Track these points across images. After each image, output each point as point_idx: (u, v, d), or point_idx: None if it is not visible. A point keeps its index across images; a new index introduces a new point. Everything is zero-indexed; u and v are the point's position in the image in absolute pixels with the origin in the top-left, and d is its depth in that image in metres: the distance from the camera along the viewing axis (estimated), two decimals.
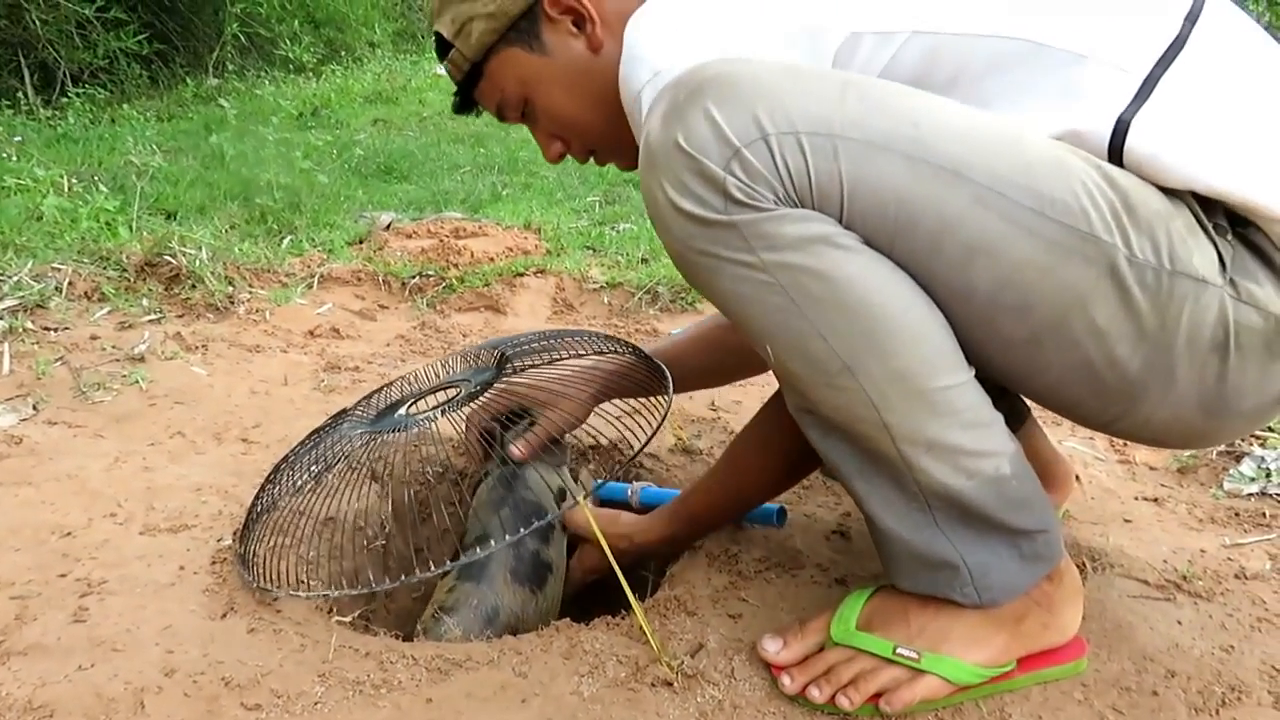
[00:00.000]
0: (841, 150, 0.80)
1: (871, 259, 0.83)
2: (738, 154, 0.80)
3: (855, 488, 0.94)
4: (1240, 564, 1.24)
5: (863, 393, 0.85)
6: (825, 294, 0.82)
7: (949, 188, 0.80)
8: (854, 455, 0.92)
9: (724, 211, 0.81)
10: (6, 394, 1.71)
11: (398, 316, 2.45)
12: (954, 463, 0.87)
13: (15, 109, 5.18)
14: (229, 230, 2.96)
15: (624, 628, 1.09)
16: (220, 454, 1.57)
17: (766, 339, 0.87)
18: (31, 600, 1.12)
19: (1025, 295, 0.82)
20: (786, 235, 0.81)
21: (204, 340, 2.06)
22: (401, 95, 6.82)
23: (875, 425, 0.86)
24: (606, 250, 2.87)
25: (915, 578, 0.95)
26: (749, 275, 0.83)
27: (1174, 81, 0.84)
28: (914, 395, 0.85)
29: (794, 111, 0.80)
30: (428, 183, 4.02)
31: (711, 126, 0.80)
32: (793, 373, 0.88)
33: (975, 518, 0.90)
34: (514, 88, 1.12)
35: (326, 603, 1.18)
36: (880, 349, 0.84)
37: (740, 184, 0.80)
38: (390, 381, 1.51)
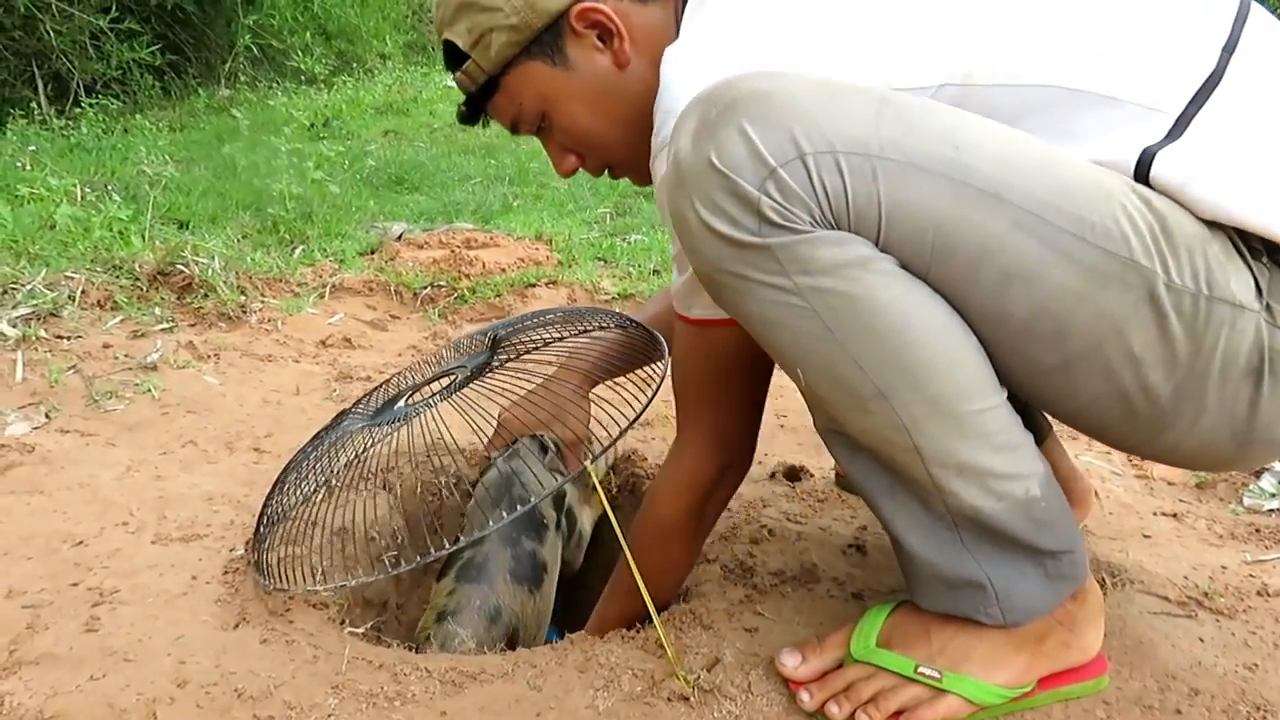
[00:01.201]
0: (880, 172, 0.78)
1: (907, 283, 0.81)
2: (774, 174, 0.78)
3: (881, 506, 0.92)
4: (1262, 580, 1.23)
5: (895, 416, 0.83)
6: (859, 319, 0.81)
7: (989, 212, 0.78)
8: (881, 475, 0.90)
9: (758, 233, 0.79)
10: (19, 402, 1.71)
11: (409, 327, 2.44)
12: (984, 485, 0.85)
13: (29, 119, 5.22)
14: (241, 240, 2.96)
15: (639, 641, 1.08)
16: (232, 463, 1.57)
17: (796, 363, 0.85)
18: (43, 609, 1.11)
19: (1060, 322, 0.81)
20: (821, 259, 0.79)
21: (216, 349, 2.06)
22: (412, 106, 6.84)
23: (906, 449, 0.85)
24: (618, 261, 2.87)
25: (939, 597, 0.93)
26: (781, 299, 0.81)
27: (1208, 118, 0.82)
28: (946, 419, 0.83)
29: (831, 131, 0.78)
30: (439, 193, 4.03)
31: (746, 144, 0.78)
32: (822, 396, 0.87)
33: (1002, 538, 0.88)
34: (532, 102, 1.09)
35: (339, 614, 1.18)
36: (914, 375, 0.82)
37: (775, 205, 0.78)
38: (388, 378, 1.50)
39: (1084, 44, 0.87)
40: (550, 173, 4.45)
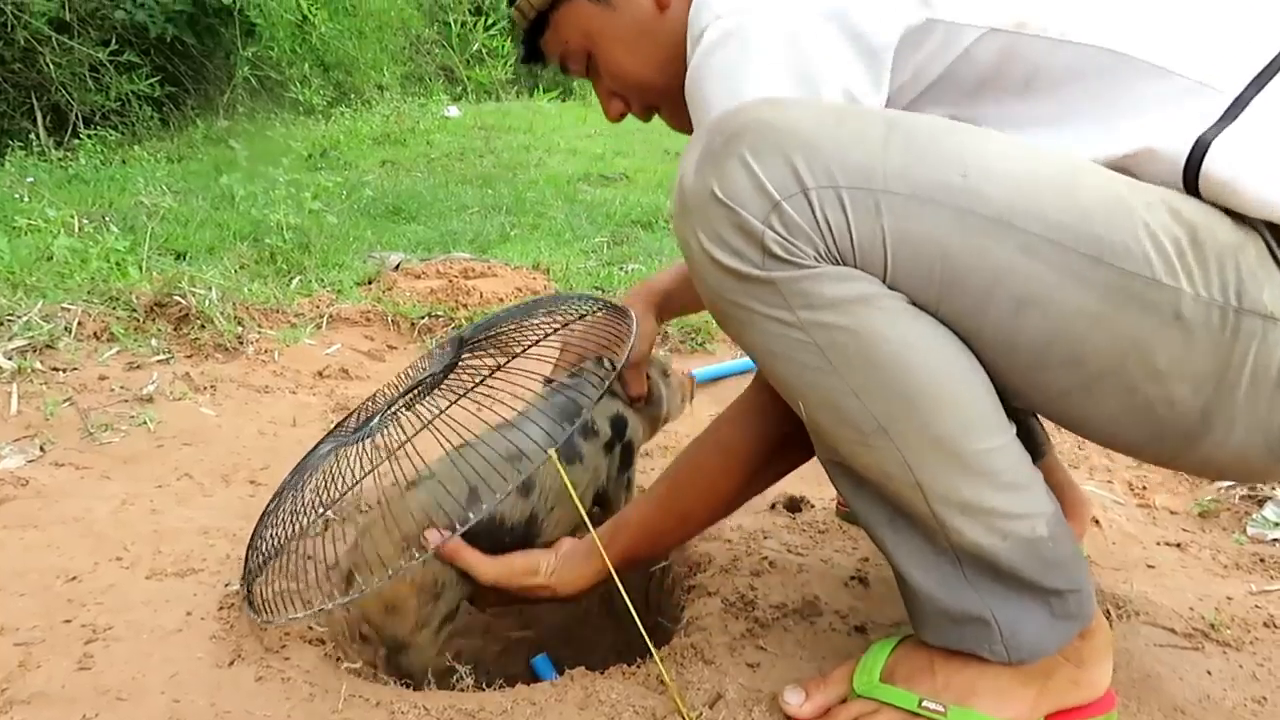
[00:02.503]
0: (884, 206, 0.77)
1: (913, 320, 0.81)
2: (777, 207, 0.78)
3: (884, 540, 0.91)
4: (1268, 612, 1.22)
5: (897, 453, 0.82)
6: (862, 355, 0.80)
7: (997, 240, 0.77)
8: (884, 509, 0.89)
9: (762, 267, 0.79)
10: (14, 435, 1.70)
11: (407, 357, 2.43)
12: (988, 524, 0.84)
13: (28, 150, 5.23)
14: (238, 270, 2.96)
15: (640, 676, 1.06)
16: (228, 496, 1.56)
17: (798, 395, 0.85)
18: (36, 646, 1.10)
19: (1077, 346, 0.80)
20: (825, 295, 0.79)
21: (213, 381, 2.05)
22: (409, 137, 6.88)
23: (908, 484, 0.84)
24: (615, 290, 2.87)
25: (944, 632, 0.92)
26: (783, 332, 0.81)
27: (1267, 103, 0.80)
28: (950, 458, 0.82)
29: (835, 163, 0.78)
30: (436, 223, 4.04)
31: (749, 177, 0.78)
32: (823, 428, 0.86)
33: (1007, 576, 0.87)
34: (578, 40, 1.10)
35: (335, 650, 1.16)
36: (917, 412, 0.81)
37: (779, 239, 0.78)
38: (367, 398, 1.48)
39: (1142, 10, 0.85)
40: (547, 202, 4.46)
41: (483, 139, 6.84)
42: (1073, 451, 1.81)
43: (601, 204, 4.38)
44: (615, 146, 6.68)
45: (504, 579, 1.12)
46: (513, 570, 1.13)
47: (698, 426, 1.62)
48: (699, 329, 2.44)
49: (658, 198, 4.54)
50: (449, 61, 9.11)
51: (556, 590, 1.13)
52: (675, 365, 1.50)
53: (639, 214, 4.11)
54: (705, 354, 2.39)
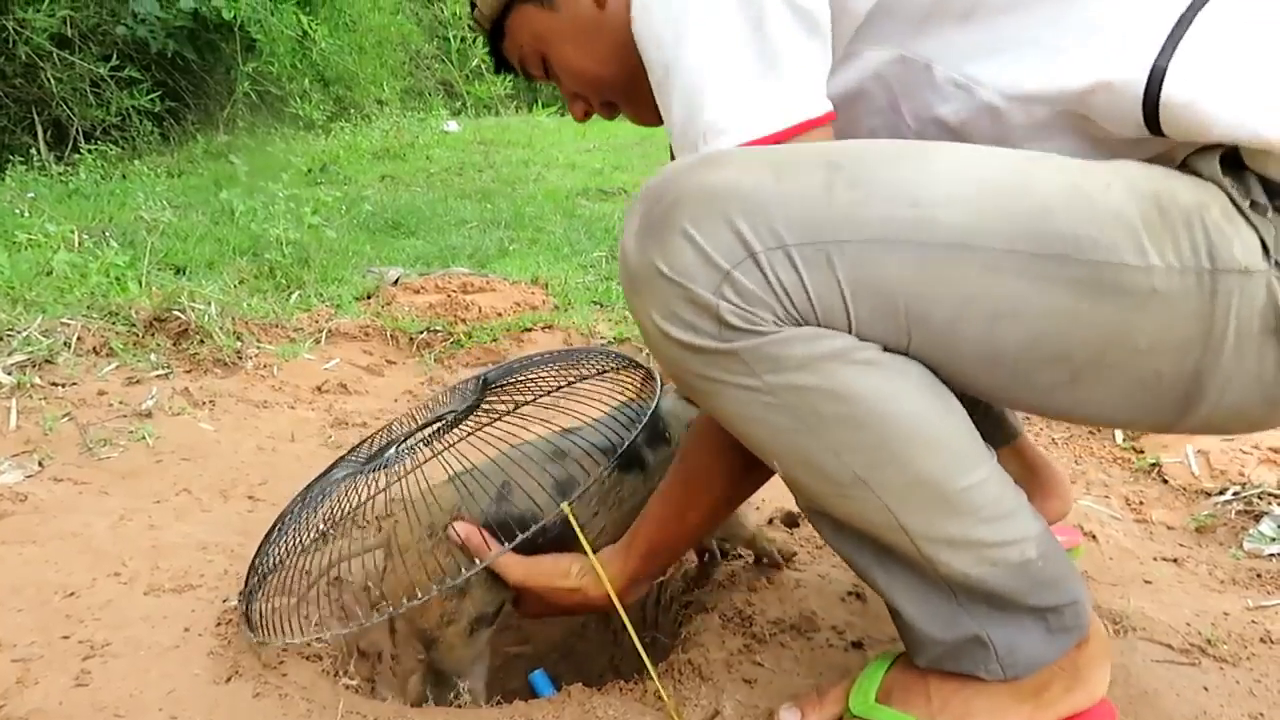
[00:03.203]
0: (837, 257, 0.76)
1: (885, 371, 0.80)
2: (728, 277, 0.76)
3: (873, 577, 0.91)
4: (1265, 627, 1.22)
5: (878, 500, 0.82)
6: (835, 412, 0.79)
7: (958, 265, 0.76)
8: (869, 549, 0.89)
9: (720, 338, 0.78)
10: (12, 450, 1.70)
11: (405, 372, 2.44)
12: (977, 555, 0.84)
13: (28, 165, 5.24)
14: (238, 285, 2.97)
15: (637, 694, 1.07)
16: (226, 511, 1.56)
17: (773, 455, 0.84)
18: (33, 663, 1.10)
19: (1058, 344, 0.79)
20: (793, 356, 0.78)
21: (211, 396, 2.05)
22: (409, 152, 6.90)
23: (891, 528, 0.84)
24: (614, 305, 2.87)
25: (940, 658, 0.92)
26: (752, 398, 0.80)
27: (1212, 16, 0.77)
28: (933, 500, 0.82)
29: (779, 221, 0.76)
30: (435, 238, 4.05)
31: (693, 249, 0.77)
32: (801, 484, 0.86)
33: (1001, 600, 0.87)
34: (531, 44, 1.11)
35: (333, 666, 1.16)
36: (896, 461, 0.81)
37: (735, 309, 0.77)
38: (383, 426, 1.49)
39: None
40: (546, 216, 4.47)
41: (482, 154, 6.86)
42: (1070, 466, 1.81)
43: (600, 218, 4.40)
44: (614, 161, 6.70)
45: (531, 579, 1.10)
46: (541, 571, 1.10)
47: None
48: None
49: None
50: (448, 76, 9.16)
51: (587, 593, 1.09)
52: None
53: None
54: None
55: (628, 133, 8.26)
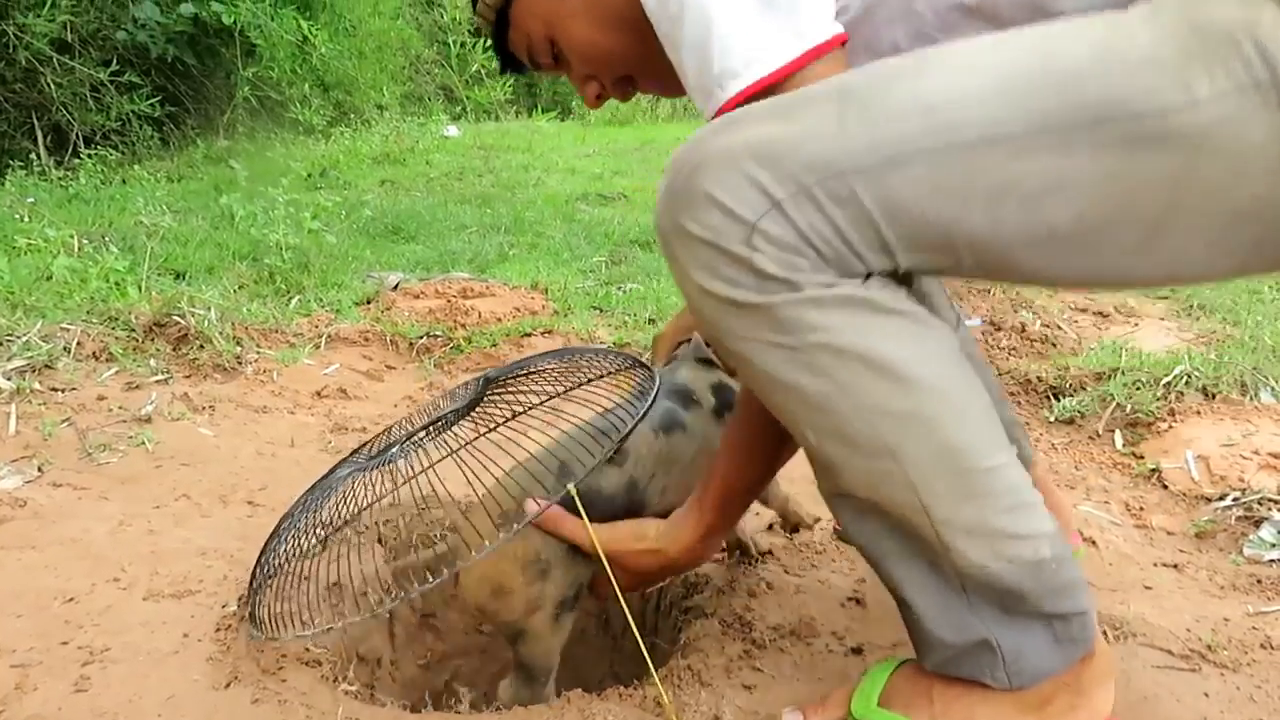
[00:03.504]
0: (859, 186, 0.76)
1: (917, 337, 0.81)
2: (755, 229, 0.77)
3: (888, 569, 0.91)
4: (1265, 633, 1.22)
5: (903, 475, 0.82)
6: (868, 376, 0.80)
7: (983, 158, 0.75)
8: (888, 538, 0.89)
9: (759, 290, 0.78)
10: (12, 455, 1.70)
11: (405, 377, 2.44)
12: (992, 546, 0.84)
13: (28, 170, 5.24)
14: (237, 290, 2.97)
15: (637, 698, 1.06)
16: (226, 517, 1.56)
17: (805, 424, 0.84)
18: (32, 669, 1.10)
19: (1118, 207, 0.75)
20: (827, 319, 0.79)
21: (211, 401, 2.05)
22: (409, 156, 6.89)
23: (914, 508, 0.84)
24: (613, 310, 2.87)
25: (946, 659, 0.92)
26: (789, 359, 0.80)
27: None
28: (955, 477, 0.82)
29: (797, 164, 0.76)
30: (435, 243, 4.04)
31: (718, 209, 0.78)
32: (830, 456, 0.86)
33: (1010, 600, 0.87)
34: (538, 29, 1.10)
35: (332, 671, 1.16)
36: (924, 430, 0.81)
37: (770, 257, 0.77)
38: (384, 428, 1.49)
39: None
40: (546, 221, 4.47)
41: (482, 158, 6.86)
42: (1070, 472, 1.81)
43: (600, 223, 4.40)
44: (614, 166, 6.70)
45: (612, 543, 1.08)
46: (620, 536, 1.10)
47: None
48: None
49: None
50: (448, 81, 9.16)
51: (668, 552, 1.09)
52: None
53: (637, 233, 4.11)
54: None
55: (627, 138, 8.27)
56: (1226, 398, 1.98)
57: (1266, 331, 2.37)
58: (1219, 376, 2.04)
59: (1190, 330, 2.58)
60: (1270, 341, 2.27)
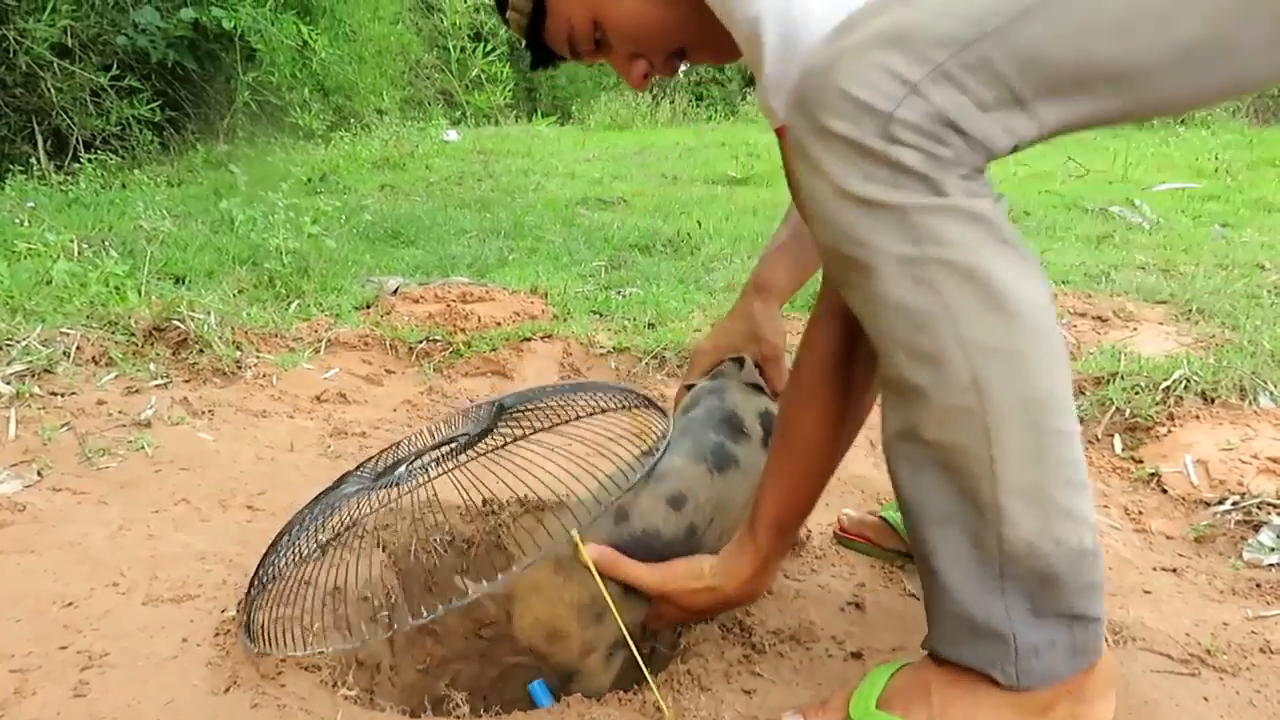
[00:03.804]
0: (991, 51, 0.76)
1: (1028, 271, 0.81)
2: (893, 119, 0.77)
3: (927, 536, 0.90)
4: (1265, 637, 1.22)
5: (982, 417, 0.82)
6: (978, 301, 0.80)
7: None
8: (941, 498, 0.87)
9: (894, 188, 0.78)
10: (11, 460, 1.70)
11: (405, 381, 2.44)
12: (1045, 520, 0.84)
13: (28, 174, 5.24)
14: (237, 295, 2.97)
15: (636, 704, 1.06)
16: (225, 521, 1.56)
17: (901, 345, 0.83)
18: (31, 673, 1.10)
19: (1243, 4, 0.75)
20: (954, 233, 0.79)
21: (210, 405, 2.05)
22: (409, 161, 6.91)
23: (980, 459, 0.83)
24: (613, 315, 2.87)
25: (959, 643, 0.91)
26: (907, 271, 0.80)
27: None
28: (1029, 432, 0.82)
29: (927, 43, 0.77)
30: (435, 247, 4.05)
31: (854, 102, 0.77)
32: (916, 386, 0.84)
33: (1045, 592, 0.86)
34: (581, 14, 1.08)
35: (332, 676, 1.16)
36: (1015, 371, 0.81)
37: (909, 147, 0.77)
38: (393, 444, 1.49)
39: None
40: (545, 226, 4.47)
41: (481, 163, 6.87)
42: None
43: (599, 228, 4.40)
44: (613, 170, 6.71)
45: (669, 583, 1.09)
46: (676, 574, 1.11)
47: None
48: None
49: (656, 222, 4.56)
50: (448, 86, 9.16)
51: (725, 589, 1.10)
52: None
53: (637, 238, 4.12)
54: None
55: (627, 142, 8.28)
56: (1225, 402, 1.99)
57: (1265, 336, 2.37)
58: (1218, 381, 2.04)
59: (1189, 335, 2.58)
60: (1269, 346, 2.27)
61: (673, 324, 2.69)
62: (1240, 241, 3.91)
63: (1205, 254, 3.60)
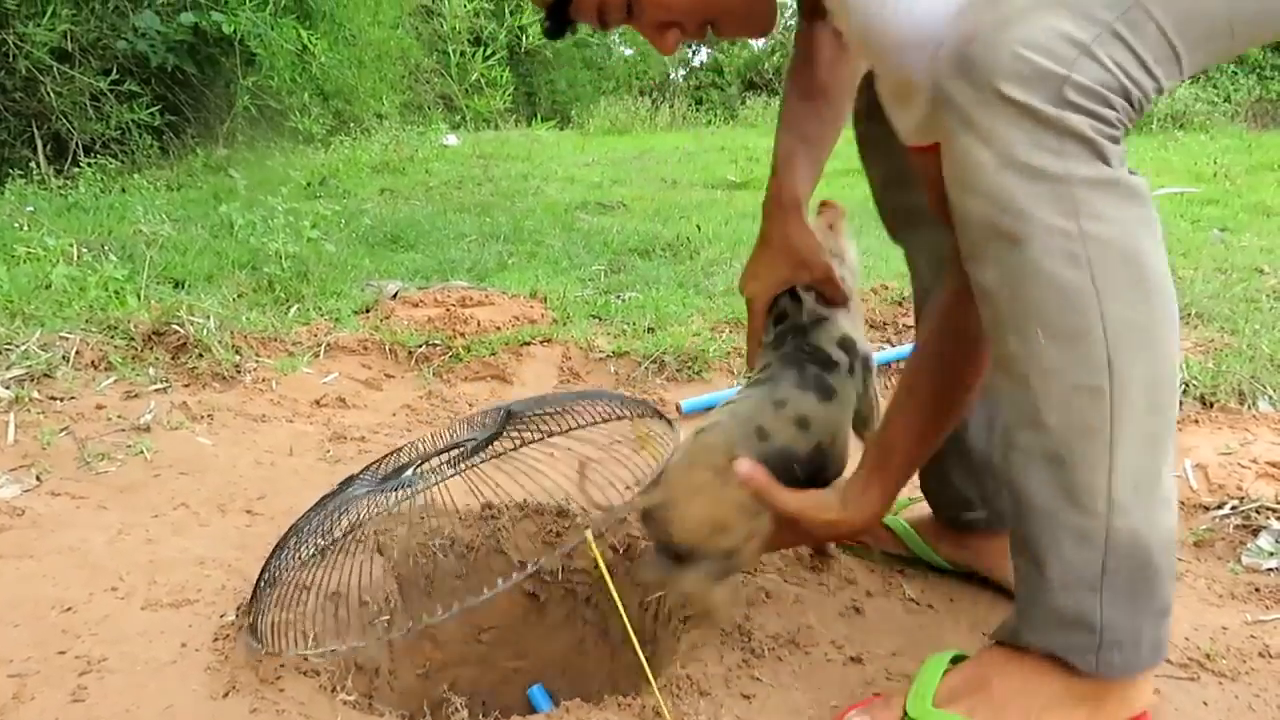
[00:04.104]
0: (1149, 5, 0.77)
1: (1163, 253, 0.82)
2: (1067, 81, 0.77)
3: (1035, 524, 0.90)
4: (1264, 641, 1.22)
5: (1108, 398, 0.82)
6: (1124, 277, 0.80)
7: None
8: (1053, 492, 0.87)
9: (1060, 157, 0.78)
10: (10, 464, 1.70)
11: (404, 386, 2.44)
12: (1149, 510, 0.85)
13: (28, 179, 5.25)
14: (236, 299, 2.97)
15: (635, 708, 1.06)
16: (224, 526, 1.56)
17: (1041, 321, 0.83)
18: (30, 678, 1.10)
19: None
20: (1112, 209, 0.79)
21: (210, 410, 2.05)
22: (408, 165, 6.92)
23: (1100, 445, 0.83)
24: (612, 319, 2.87)
25: (1047, 631, 0.91)
26: (1061, 245, 0.80)
27: None
28: (1150, 416, 0.83)
29: (1090, 2, 0.77)
30: (434, 252, 4.05)
31: (1028, 65, 0.77)
32: (1051, 361, 0.84)
33: (1141, 582, 0.87)
34: None
35: (330, 681, 1.16)
36: (1147, 352, 0.82)
37: (1080, 112, 0.78)
38: (398, 448, 1.49)
39: None
40: (545, 230, 4.48)
41: (481, 167, 6.88)
42: None
43: (599, 232, 4.40)
44: (613, 175, 6.72)
45: (806, 512, 1.11)
46: (808, 504, 1.12)
47: None
48: (695, 357, 2.44)
49: (655, 226, 4.56)
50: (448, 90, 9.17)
51: (853, 521, 1.11)
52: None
53: (636, 242, 4.12)
54: (701, 382, 2.39)
55: (626, 147, 8.29)
56: (1224, 406, 1.99)
57: (1264, 340, 2.37)
58: (1217, 385, 2.04)
59: (1188, 339, 2.58)
60: (1268, 350, 2.27)
61: (672, 328, 2.69)
62: (1239, 246, 3.92)
63: (1204, 258, 3.60)
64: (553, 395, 1.41)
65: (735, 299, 3.01)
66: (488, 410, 1.45)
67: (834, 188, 3.89)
